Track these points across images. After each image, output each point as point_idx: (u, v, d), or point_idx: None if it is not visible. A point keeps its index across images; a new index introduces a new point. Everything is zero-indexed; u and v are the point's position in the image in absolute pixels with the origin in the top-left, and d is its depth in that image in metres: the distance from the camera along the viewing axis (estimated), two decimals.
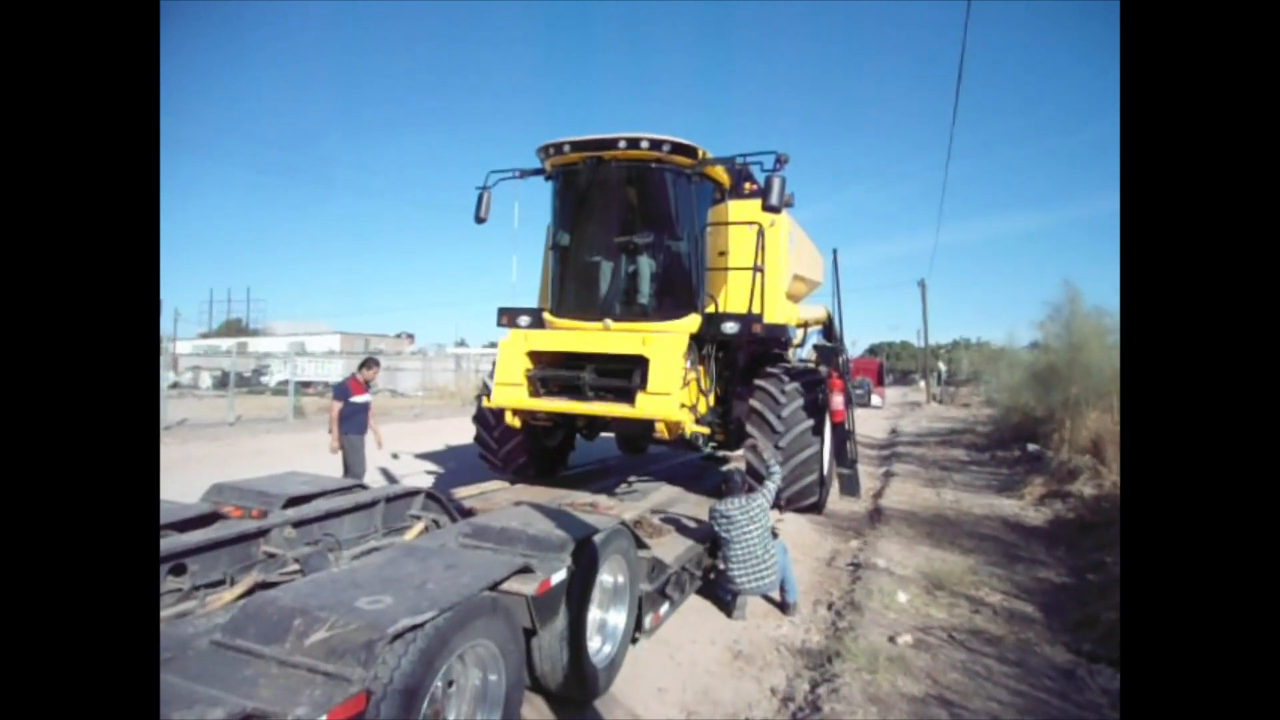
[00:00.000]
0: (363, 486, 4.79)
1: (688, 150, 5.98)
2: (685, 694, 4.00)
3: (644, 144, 5.87)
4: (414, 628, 2.39)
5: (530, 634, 3.31)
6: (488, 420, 7.32)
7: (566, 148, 6.14)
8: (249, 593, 3.45)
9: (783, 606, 5.31)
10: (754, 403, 6.56)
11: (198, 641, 2.43)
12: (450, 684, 2.80)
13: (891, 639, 4.59)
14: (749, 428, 6.53)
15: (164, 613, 3.20)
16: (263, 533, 3.76)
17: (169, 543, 3.38)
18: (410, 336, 56.15)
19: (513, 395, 6.19)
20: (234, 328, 65.79)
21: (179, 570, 3.37)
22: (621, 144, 5.92)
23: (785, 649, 4.69)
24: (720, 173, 6.62)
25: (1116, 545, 6.51)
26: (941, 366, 44.81)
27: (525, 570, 3.18)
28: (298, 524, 3.92)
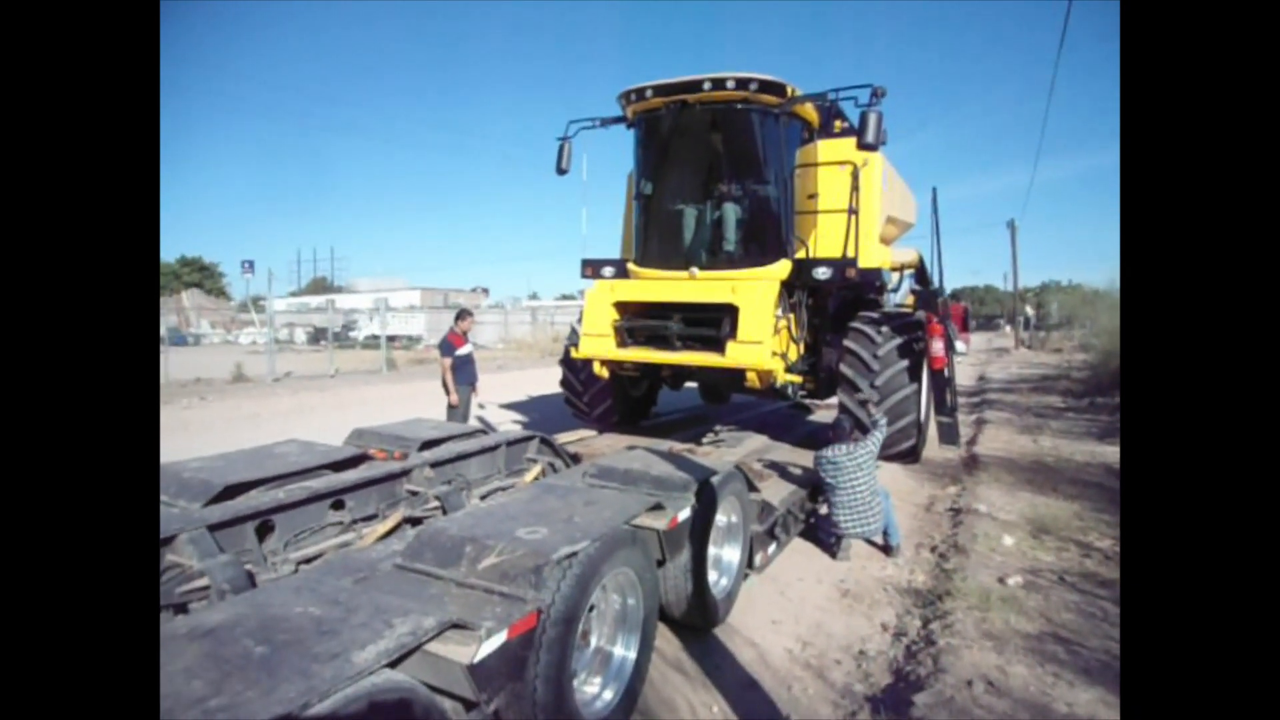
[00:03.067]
0: (484, 432, 5.12)
1: (776, 88, 5.76)
2: (799, 626, 4.18)
3: (730, 84, 5.67)
4: (571, 555, 2.62)
5: (659, 565, 3.54)
6: (573, 373, 7.46)
7: (649, 93, 5.99)
8: (398, 526, 3.82)
9: (886, 549, 5.39)
10: (849, 343, 6.37)
11: (381, 565, 2.74)
12: (592, 609, 3.06)
13: (1001, 580, 4.63)
14: (843, 368, 6.35)
15: (328, 543, 3.59)
16: (405, 473, 4.10)
17: (328, 480, 3.75)
18: (485, 290, 57.57)
19: (600, 346, 6.25)
20: (320, 285, 68.90)
21: (339, 505, 3.74)
22: (706, 85, 5.74)
23: (892, 588, 4.80)
24: (809, 111, 6.36)
25: None
26: (1029, 310, 42.68)
27: (657, 507, 3.39)
28: (434, 465, 4.26)
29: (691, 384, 8.20)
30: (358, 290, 54.66)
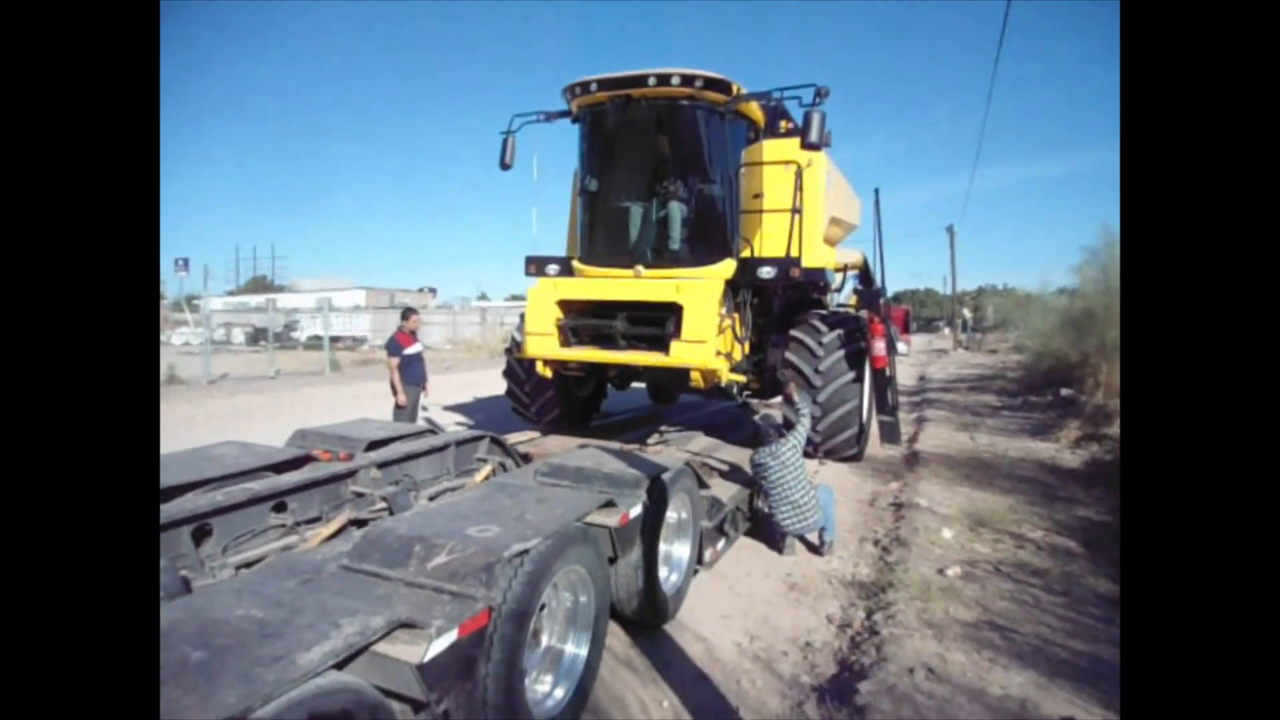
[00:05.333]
0: (432, 431, 5.04)
1: (721, 86, 5.79)
2: (747, 620, 4.25)
3: (675, 80, 5.67)
4: (522, 552, 2.61)
5: (611, 562, 3.55)
6: (517, 372, 7.34)
7: (593, 86, 5.95)
8: (344, 528, 3.73)
9: (819, 546, 5.43)
10: (795, 333, 6.48)
11: (327, 566, 2.67)
12: (543, 607, 3.05)
13: (940, 571, 4.80)
14: (789, 355, 6.47)
15: (269, 546, 3.48)
16: (351, 474, 4.01)
17: (269, 483, 3.64)
18: (433, 291, 56.60)
19: (544, 345, 6.17)
20: (260, 284, 66.62)
21: (280, 508, 3.63)
22: (651, 81, 5.72)
23: (837, 581, 4.93)
24: (755, 110, 6.43)
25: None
26: (966, 314, 44.25)
27: (609, 504, 3.40)
28: (381, 465, 4.17)
29: (640, 384, 8.21)
30: (300, 290, 53.09)
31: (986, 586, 4.59)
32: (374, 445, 4.41)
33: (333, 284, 51.60)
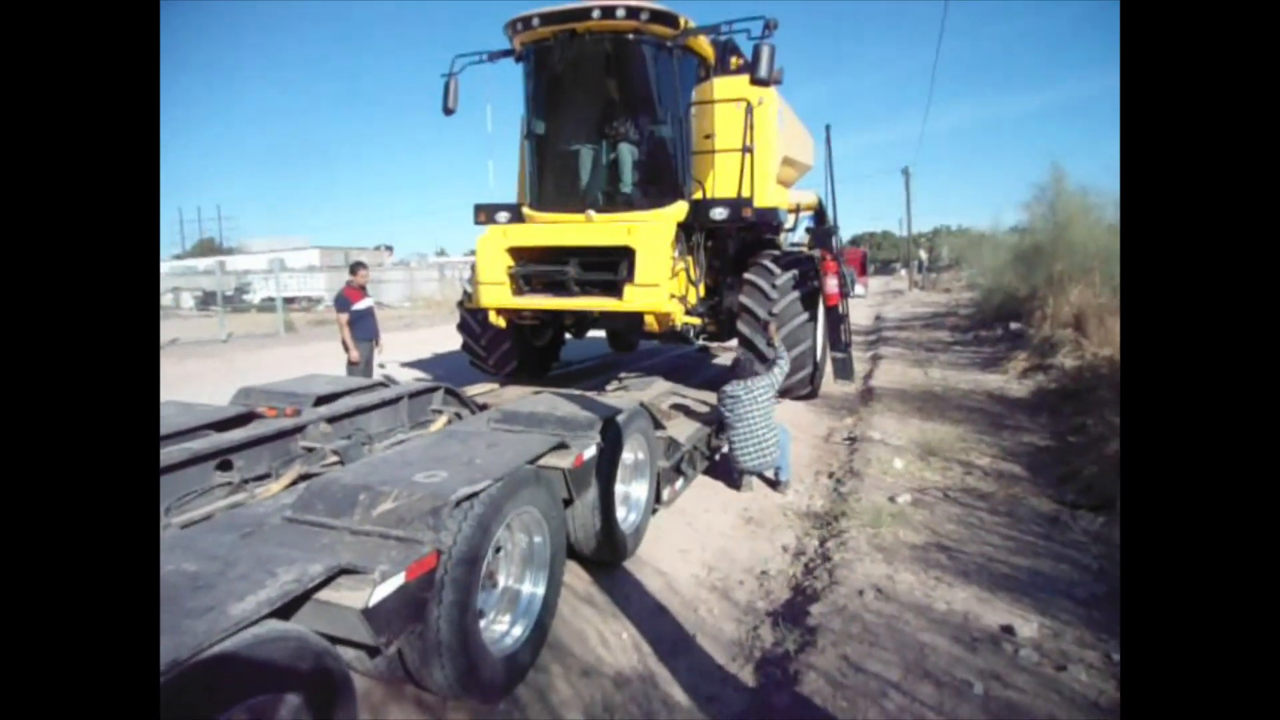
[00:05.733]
0: (384, 384, 4.95)
1: (668, 19, 5.62)
2: (705, 553, 4.34)
3: (620, 12, 5.48)
4: (471, 495, 2.59)
5: (566, 504, 3.57)
6: (471, 325, 7.19)
7: (535, 21, 5.72)
8: (294, 483, 3.67)
9: (775, 484, 5.55)
10: (749, 276, 6.44)
11: (270, 519, 2.63)
12: (499, 550, 3.07)
13: (891, 499, 4.95)
14: (742, 298, 6.44)
15: (217, 504, 3.41)
16: (299, 429, 3.92)
17: (211, 441, 3.54)
18: (389, 248, 55.09)
19: (496, 294, 6.05)
20: (208, 247, 64.04)
21: (225, 466, 3.55)
22: (595, 13, 5.52)
23: (792, 513, 5.06)
24: (704, 46, 6.27)
25: (1096, 410, 6.89)
26: (922, 254, 44.87)
27: (561, 446, 3.39)
28: (330, 420, 4.09)
29: (599, 333, 8.15)
30: (251, 251, 51.17)
31: (935, 511, 4.76)
32: (323, 400, 4.32)
33: (286, 244, 49.84)
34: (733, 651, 3.35)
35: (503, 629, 2.97)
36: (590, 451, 3.55)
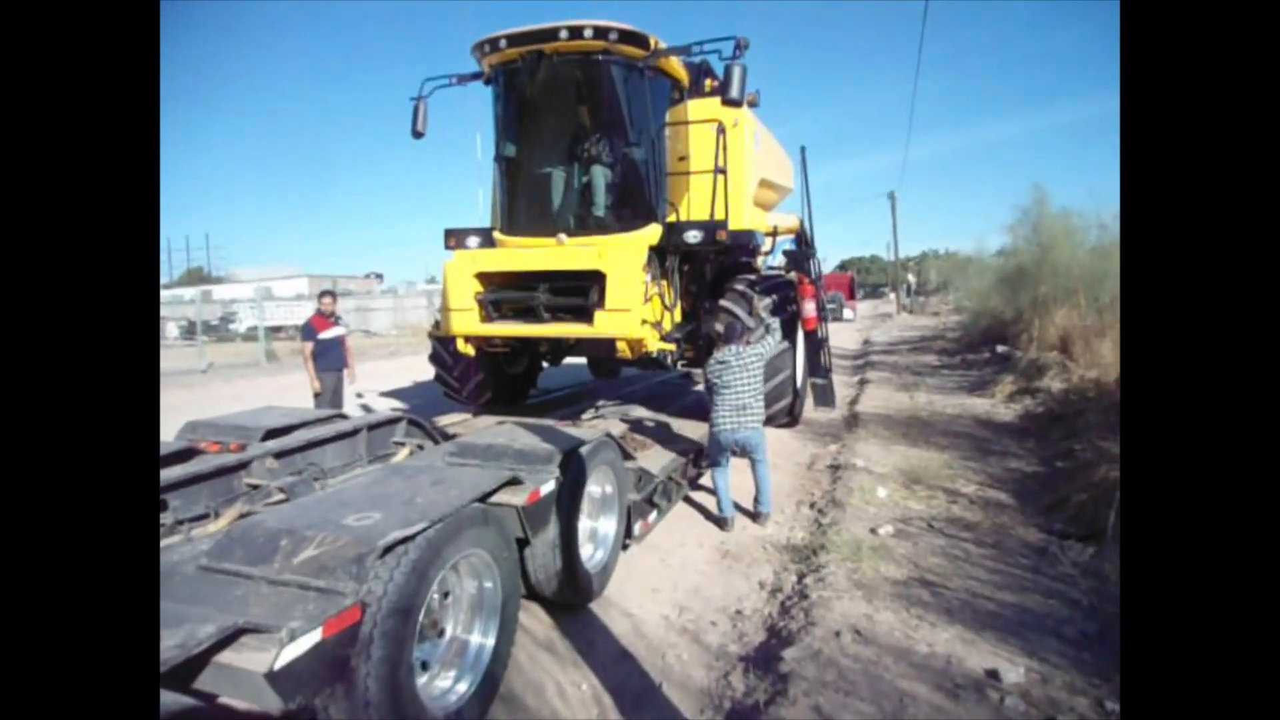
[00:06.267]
0: (343, 416, 4.74)
1: (638, 39, 5.49)
2: (677, 592, 4.12)
3: (588, 32, 5.36)
4: (405, 540, 2.38)
5: (523, 544, 3.36)
6: (442, 355, 6.95)
7: (503, 43, 5.57)
8: (235, 523, 3.44)
9: (753, 515, 5.29)
10: (725, 303, 6.21)
11: (184, 567, 2.41)
12: (446, 595, 2.85)
13: (873, 530, 4.75)
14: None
15: None
16: (243, 465, 3.69)
17: None
18: (379, 276, 55.04)
19: (463, 321, 5.85)
20: (196, 276, 63.76)
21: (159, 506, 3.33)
22: (563, 34, 5.39)
23: (771, 546, 4.84)
24: (677, 67, 6.15)
25: (1083, 434, 6.73)
26: (910, 278, 45.12)
27: (514, 482, 3.18)
28: (279, 455, 3.87)
29: (580, 359, 7.95)
30: (240, 280, 50.97)
31: (918, 543, 4.55)
32: (273, 434, 4.10)
33: (275, 273, 49.68)
34: (701, 702, 3.12)
35: (446, 684, 2.74)
36: (548, 487, 3.35)
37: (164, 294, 47.78)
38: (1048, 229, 13.03)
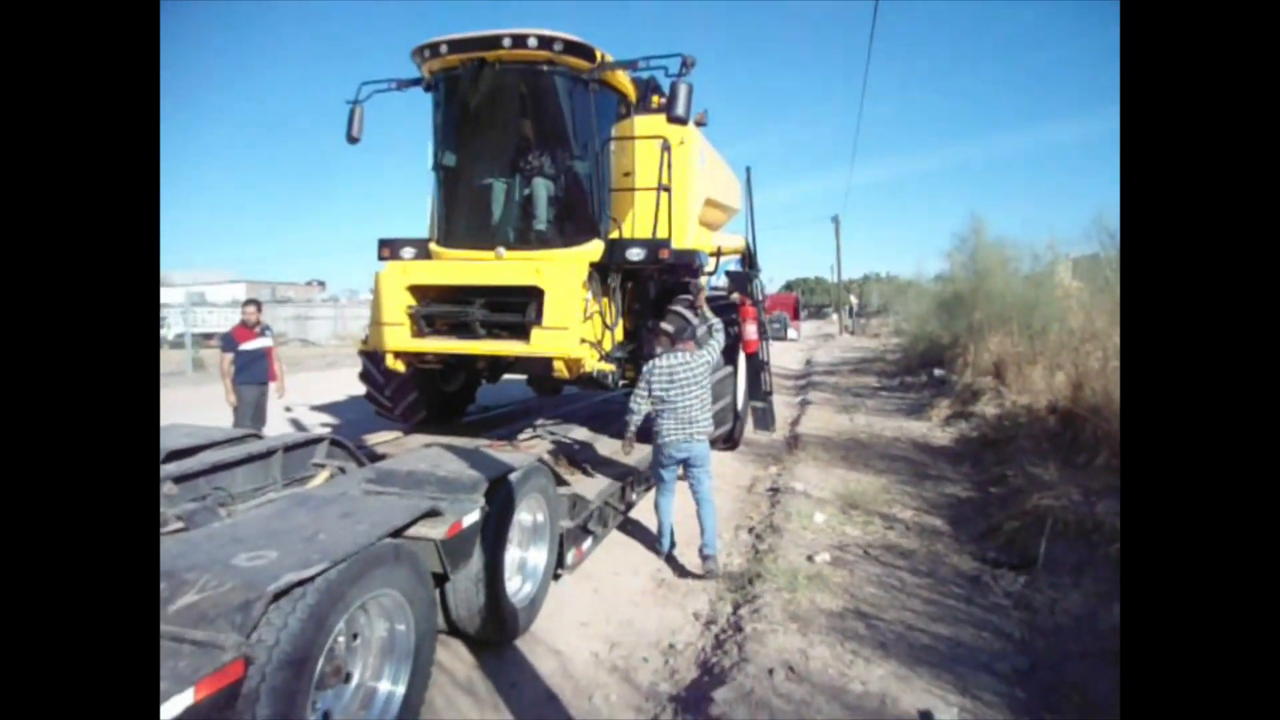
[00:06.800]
0: (257, 436, 4.43)
1: (584, 51, 5.39)
2: (609, 626, 3.95)
3: (532, 41, 5.22)
4: (301, 583, 2.17)
5: (442, 579, 3.15)
6: (373, 372, 6.54)
7: (444, 49, 5.43)
8: None
9: (701, 556, 4.66)
10: (664, 325, 6.10)
11: None
12: (355, 636, 2.63)
13: (810, 558, 4.68)
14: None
15: None
16: None
17: None
18: (321, 284, 53.31)
19: (393, 336, 5.60)
20: None
21: None
22: (506, 42, 5.25)
23: None
24: (624, 82, 6.07)
25: (1016, 459, 6.87)
26: (853, 300, 46.22)
27: (433, 514, 2.98)
28: (179, 479, 3.56)
29: (519, 375, 7.71)
30: (173, 284, 48.64)
31: (854, 572, 4.51)
32: (175, 455, 3.78)
33: (210, 277, 47.58)
34: None
35: None
36: (471, 517, 3.16)
37: None
38: (984, 257, 13.45)
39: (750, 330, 6.06)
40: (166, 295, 38.40)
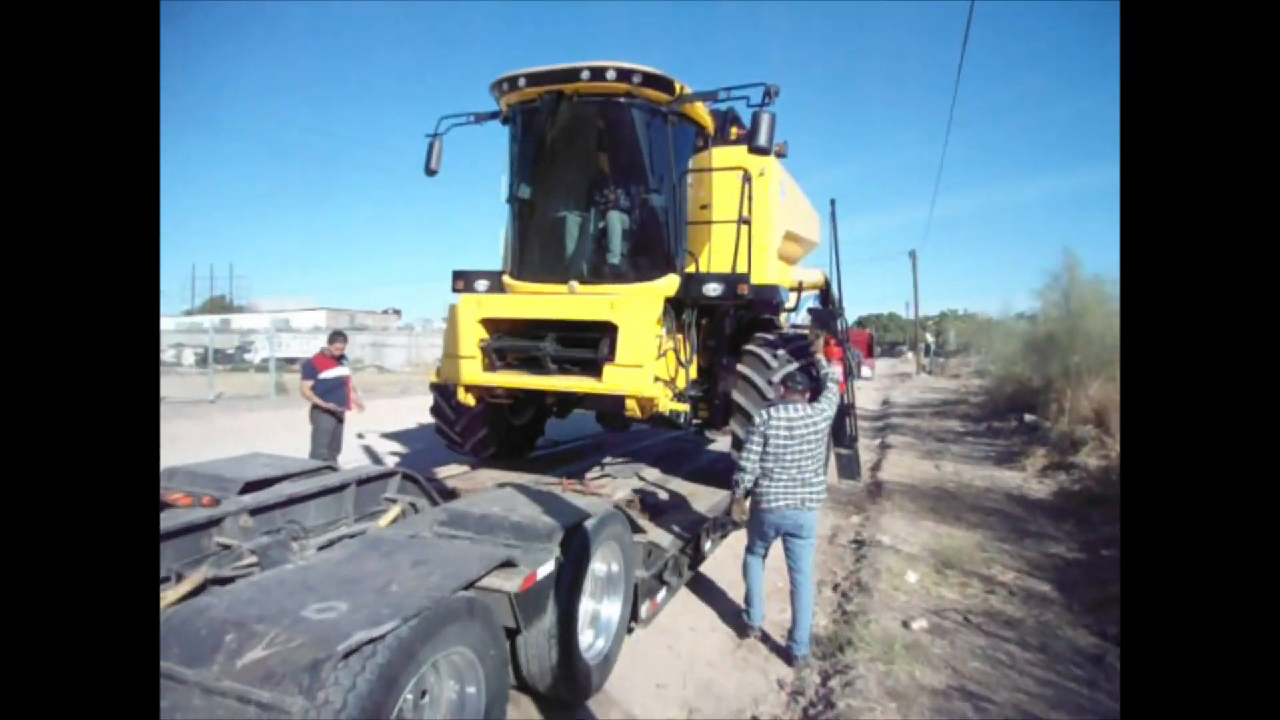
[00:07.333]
0: (331, 468, 4.40)
1: (663, 83, 5.26)
2: (686, 689, 3.67)
3: (610, 74, 5.13)
4: (370, 641, 2.01)
5: (514, 632, 2.96)
6: (444, 408, 6.52)
7: (522, 81, 5.39)
8: (198, 590, 3.08)
9: (786, 656, 4.09)
10: (741, 368, 5.80)
11: None
12: (424, 694, 2.45)
13: (905, 624, 4.29)
14: (736, 395, 5.69)
15: None
16: (214, 522, 3.35)
17: None
18: (397, 312, 55.37)
19: (464, 369, 5.51)
20: (218, 305, 64.65)
21: None
22: (585, 75, 5.17)
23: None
24: (703, 114, 5.93)
25: None
26: (929, 338, 44.69)
27: (507, 564, 2.81)
28: (255, 511, 3.52)
29: (588, 410, 7.57)
30: (259, 310, 51.48)
31: (956, 642, 4.08)
32: (252, 486, 3.76)
33: (294, 305, 50.20)
34: None
35: None
36: (546, 569, 2.97)
37: (184, 321, 48.44)
38: (1079, 296, 12.65)
39: (837, 372, 5.70)
40: (253, 321, 40.77)
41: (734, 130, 6.56)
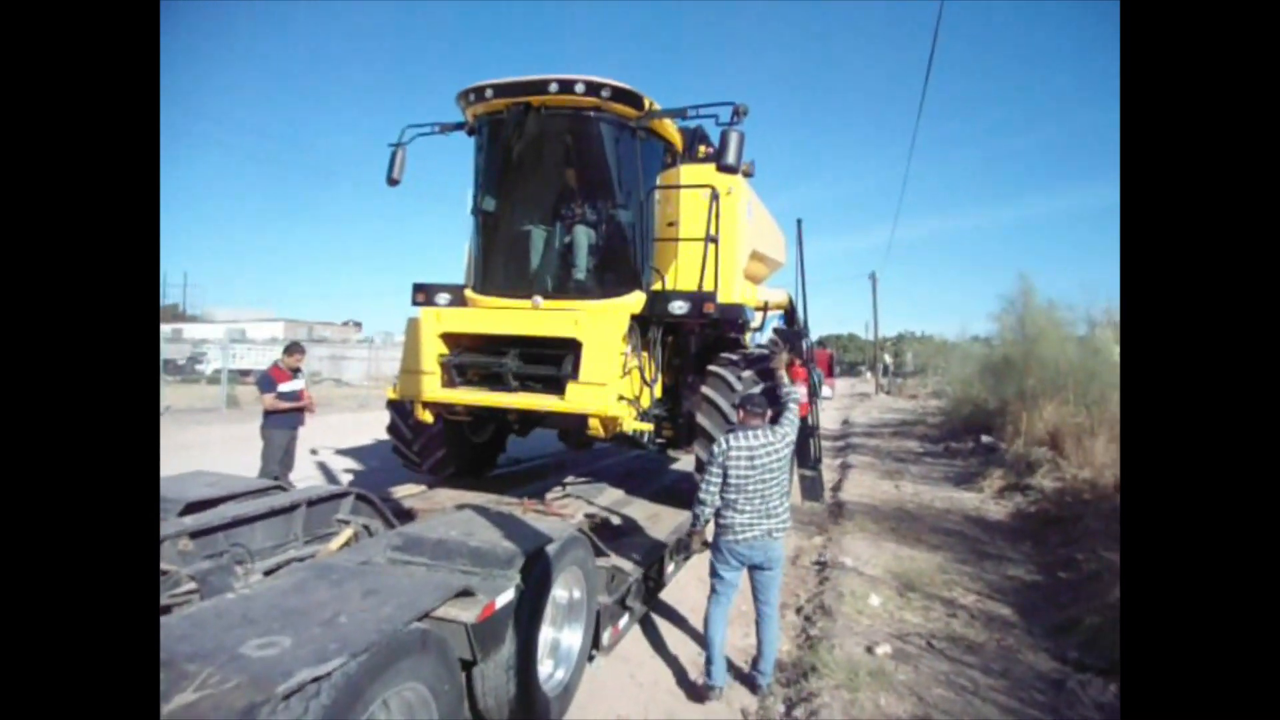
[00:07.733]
0: (281, 487, 4.21)
1: (632, 98, 5.24)
2: None
3: (579, 87, 5.10)
4: (313, 680, 1.88)
5: (470, 664, 2.83)
6: (401, 427, 6.31)
7: (489, 93, 5.31)
8: None
9: (750, 684, 4.02)
10: (705, 390, 5.79)
11: None
12: None
13: (869, 649, 4.25)
14: (699, 418, 5.56)
15: None
16: None
17: None
18: (358, 324, 54.38)
19: (424, 385, 5.35)
20: (170, 313, 62.57)
21: None
22: (553, 87, 5.13)
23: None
24: (671, 130, 5.94)
25: (1085, 541, 6.36)
26: (888, 359, 45.52)
27: (464, 593, 2.69)
28: (195, 534, 3.33)
29: (550, 429, 7.42)
30: (214, 319, 49.97)
31: (919, 668, 4.06)
32: (194, 507, 3.56)
33: (250, 315, 48.83)
34: None
35: None
36: (505, 597, 2.85)
37: None
38: (1034, 320, 12.99)
39: (800, 393, 5.66)
40: (207, 331, 39.56)
41: (702, 149, 6.56)
